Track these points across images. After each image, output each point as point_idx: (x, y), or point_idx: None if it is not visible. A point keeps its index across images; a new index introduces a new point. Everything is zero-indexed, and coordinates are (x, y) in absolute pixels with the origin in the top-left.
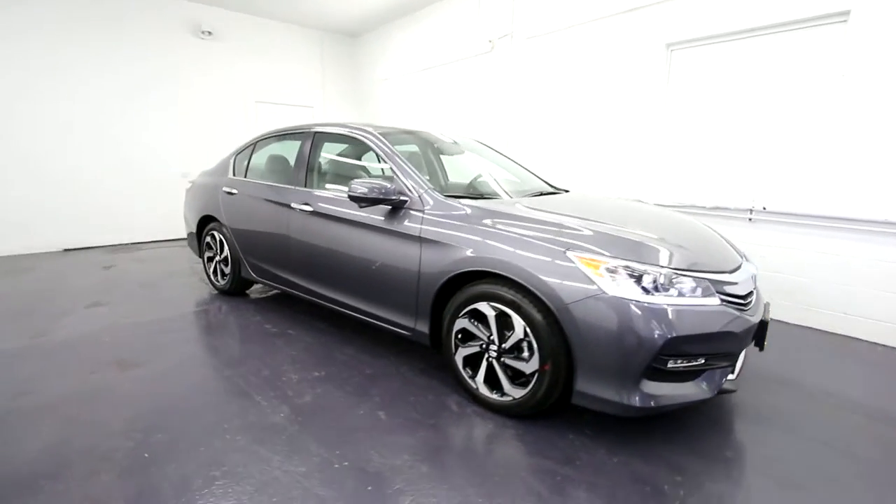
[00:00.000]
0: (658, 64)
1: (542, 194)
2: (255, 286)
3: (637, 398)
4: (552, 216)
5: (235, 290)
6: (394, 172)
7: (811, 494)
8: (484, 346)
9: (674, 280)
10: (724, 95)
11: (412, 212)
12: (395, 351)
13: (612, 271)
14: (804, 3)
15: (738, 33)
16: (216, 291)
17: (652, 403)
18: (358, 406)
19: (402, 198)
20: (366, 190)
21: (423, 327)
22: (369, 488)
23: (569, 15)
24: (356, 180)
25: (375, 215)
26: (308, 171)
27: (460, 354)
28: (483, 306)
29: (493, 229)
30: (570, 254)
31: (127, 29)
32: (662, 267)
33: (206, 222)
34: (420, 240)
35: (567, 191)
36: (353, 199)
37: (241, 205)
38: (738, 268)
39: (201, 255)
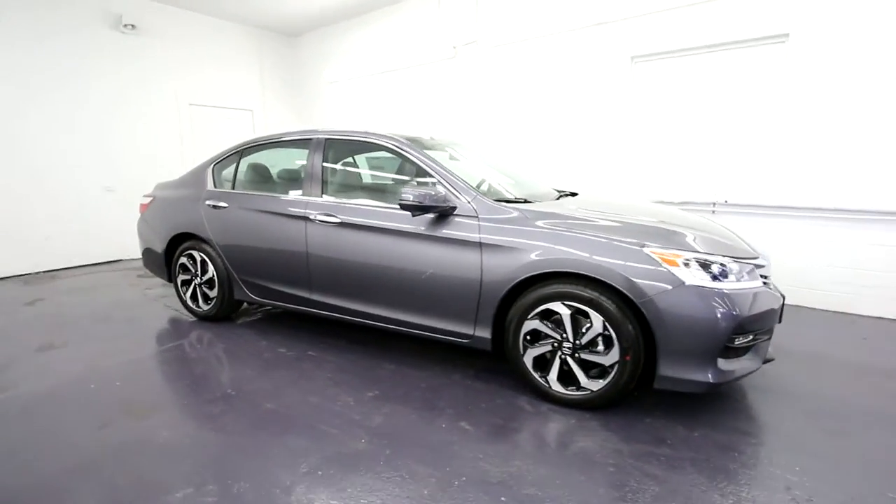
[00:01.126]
0: (623, 74)
1: (561, 196)
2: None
3: (715, 375)
4: (604, 215)
5: (222, 314)
6: (439, 179)
7: (853, 437)
8: (556, 344)
9: (732, 267)
10: (686, 103)
11: (464, 218)
12: (435, 360)
13: (687, 263)
14: (751, 26)
15: (695, 49)
16: (195, 318)
17: (725, 378)
18: (435, 420)
19: (451, 204)
20: (419, 198)
21: (485, 333)
22: (503, 499)
23: (538, 26)
24: (407, 188)
25: (418, 223)
26: (325, 180)
27: (529, 355)
28: (557, 306)
29: (559, 231)
30: (646, 250)
31: (35, 19)
32: (723, 256)
33: (178, 241)
34: (480, 245)
35: (576, 193)
36: (405, 207)
37: (234, 219)
38: (758, 253)
39: (172, 279)
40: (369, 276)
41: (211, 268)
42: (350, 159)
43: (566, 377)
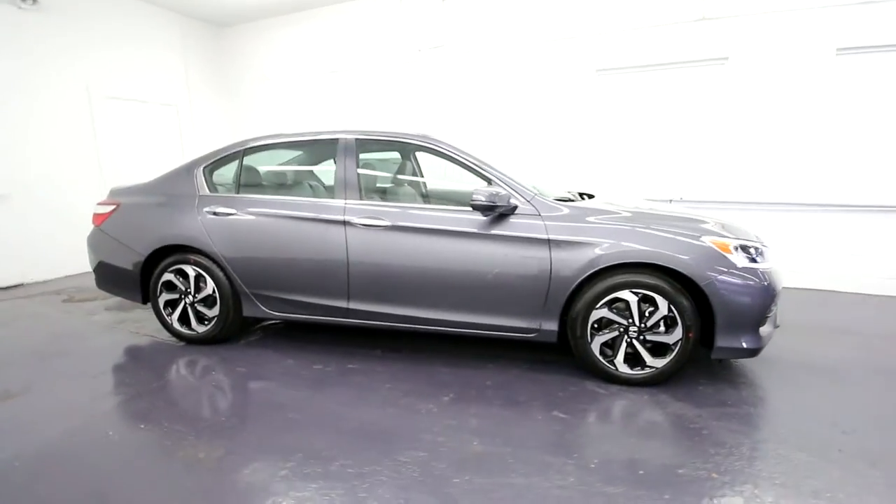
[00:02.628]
0: (589, 84)
1: (581, 196)
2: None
3: (758, 341)
4: (641, 211)
5: (223, 335)
6: (496, 180)
7: (852, 386)
8: (622, 329)
9: (760, 249)
10: (645, 111)
11: (526, 217)
12: (486, 357)
13: (736, 248)
14: (697, 50)
15: (652, 65)
16: (182, 343)
17: (763, 343)
18: (528, 413)
19: (514, 204)
20: (491, 199)
21: (552, 326)
22: (641, 472)
23: (507, 35)
24: (478, 189)
25: (475, 224)
26: (361, 182)
27: (597, 342)
28: (625, 294)
29: (620, 226)
30: (704, 238)
31: None
32: (753, 241)
33: (160, 256)
34: (548, 242)
35: (593, 195)
36: (476, 208)
37: (246, 228)
38: None
39: (149, 300)
40: (426, 279)
41: (210, 283)
42: (388, 159)
43: (630, 359)
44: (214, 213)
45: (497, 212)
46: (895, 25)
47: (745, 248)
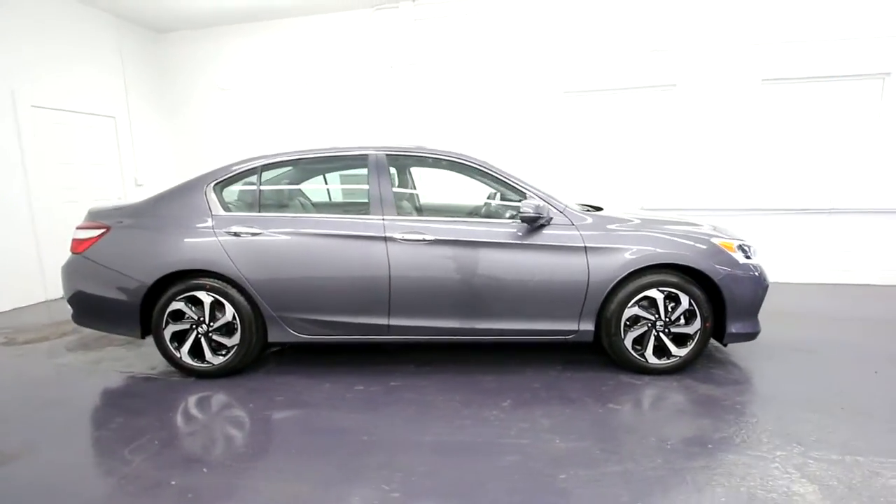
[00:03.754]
0: (557, 103)
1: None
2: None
3: (756, 326)
4: (649, 219)
5: (241, 366)
6: (532, 194)
7: (819, 356)
8: (650, 324)
9: (752, 248)
10: (607, 128)
11: (562, 227)
12: (518, 363)
13: (737, 248)
14: (647, 76)
15: (611, 89)
16: (191, 378)
17: (759, 328)
18: (586, 409)
19: (551, 215)
20: (538, 211)
21: (589, 326)
22: (710, 446)
23: (482, 56)
24: (525, 202)
25: (514, 235)
26: (397, 197)
27: (629, 338)
28: (652, 292)
29: (641, 232)
30: (714, 240)
31: None
32: (745, 241)
33: (164, 284)
34: (585, 249)
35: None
36: (525, 220)
37: (275, 248)
38: None
39: (154, 332)
40: (471, 290)
41: (229, 310)
42: (417, 175)
43: (657, 350)
44: (235, 234)
45: (540, 223)
46: (806, 62)
47: (741, 247)
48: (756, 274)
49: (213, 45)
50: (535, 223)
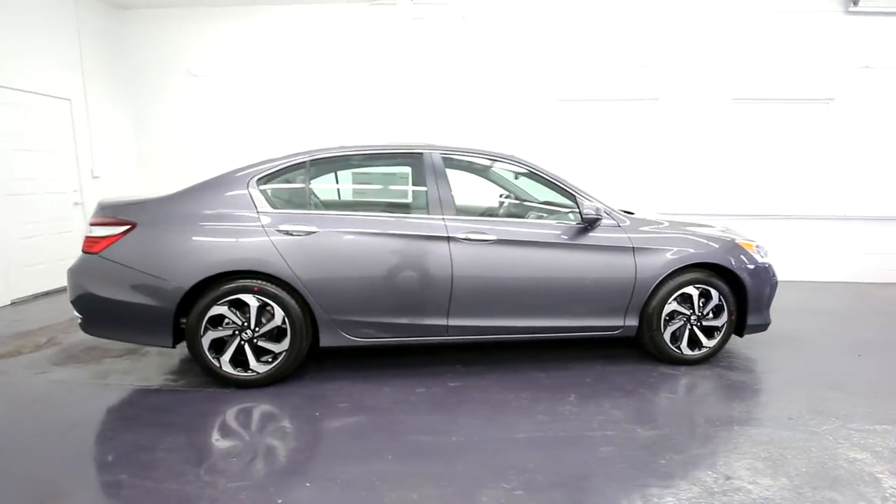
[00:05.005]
0: (552, 111)
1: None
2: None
3: (768, 318)
4: (685, 223)
5: (286, 373)
6: (580, 196)
7: (805, 344)
8: (686, 319)
9: (764, 248)
10: (599, 135)
11: (610, 228)
12: (560, 357)
13: (755, 248)
14: (634, 91)
15: (602, 99)
16: (230, 388)
17: (770, 320)
18: (646, 399)
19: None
20: (598, 213)
21: (633, 322)
22: (768, 426)
23: (482, 62)
24: (587, 204)
25: (566, 235)
26: (453, 198)
27: (668, 332)
28: (689, 289)
29: (678, 234)
30: (737, 241)
31: None
32: (756, 240)
33: (202, 286)
34: (633, 249)
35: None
36: (586, 220)
37: (333, 248)
38: None
39: (188, 340)
40: (531, 289)
41: (279, 313)
42: (469, 175)
43: (690, 342)
44: (287, 233)
45: (598, 224)
46: (768, 85)
47: (757, 247)
48: (769, 271)
49: (185, 27)
50: (595, 224)
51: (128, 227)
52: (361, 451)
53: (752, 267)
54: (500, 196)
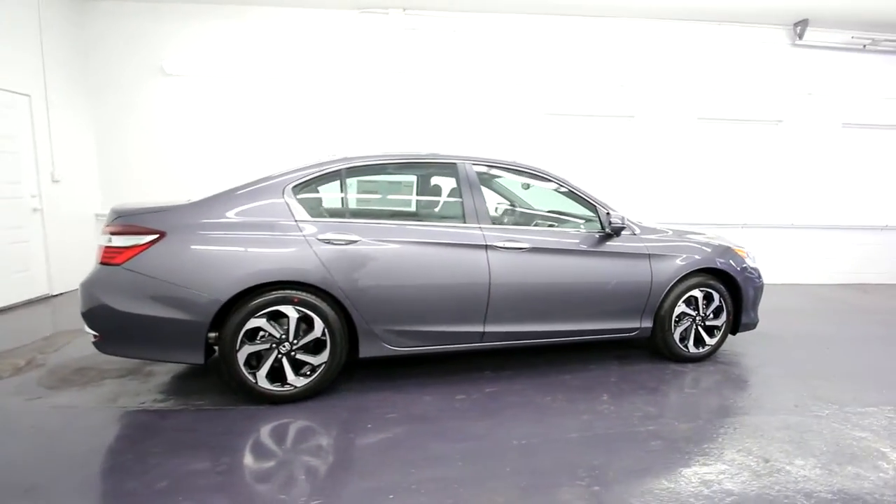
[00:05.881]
0: (541, 123)
1: None
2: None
3: (757, 317)
4: (682, 231)
5: (323, 387)
6: (600, 206)
7: (782, 340)
8: (692, 320)
9: (752, 253)
10: (582, 147)
11: (627, 235)
12: (577, 360)
13: (746, 254)
14: (611, 108)
15: (586, 115)
16: (264, 404)
17: (759, 319)
18: (670, 396)
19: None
20: (623, 222)
21: (648, 324)
22: (781, 414)
23: (472, 74)
24: (614, 214)
25: (590, 242)
26: (487, 206)
27: (677, 332)
28: (695, 292)
29: (683, 242)
30: (729, 247)
31: None
32: (744, 246)
33: (236, 299)
34: (649, 256)
35: None
36: (614, 229)
37: (375, 257)
38: None
39: (224, 355)
40: (562, 294)
41: (318, 325)
42: (496, 184)
43: (697, 341)
44: (328, 242)
45: (621, 232)
46: (727, 107)
47: (748, 253)
48: (757, 273)
49: (161, 23)
50: (620, 232)
51: (156, 236)
52: (427, 459)
53: (744, 271)
54: (498, 204)
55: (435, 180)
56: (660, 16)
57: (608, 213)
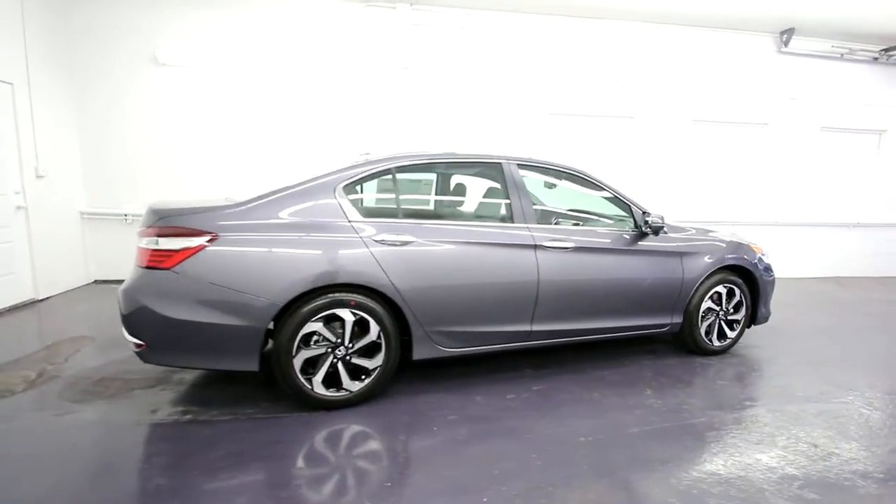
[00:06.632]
0: (544, 123)
1: None
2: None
3: (769, 311)
4: (700, 228)
5: (377, 389)
6: (634, 206)
7: (785, 333)
8: (716, 314)
9: (765, 250)
10: (584, 146)
11: (658, 234)
12: (610, 356)
13: (762, 251)
14: (611, 108)
15: (585, 115)
16: (319, 411)
17: (771, 311)
18: (707, 386)
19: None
20: (662, 221)
21: (678, 319)
22: (813, 402)
23: (479, 73)
24: (654, 214)
25: (626, 241)
26: (532, 206)
27: (703, 327)
28: (720, 288)
29: (707, 239)
30: (748, 244)
31: None
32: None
33: (297, 302)
34: (681, 254)
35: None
36: (653, 228)
37: (431, 258)
38: None
39: (279, 362)
40: (603, 292)
41: (374, 327)
42: (537, 184)
43: (719, 335)
44: (383, 242)
45: (661, 232)
46: (718, 110)
47: (762, 250)
48: (771, 269)
49: (154, 11)
50: (659, 232)
51: (208, 237)
52: (502, 459)
53: (761, 267)
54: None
55: (481, 180)
56: (658, 20)
57: (644, 213)
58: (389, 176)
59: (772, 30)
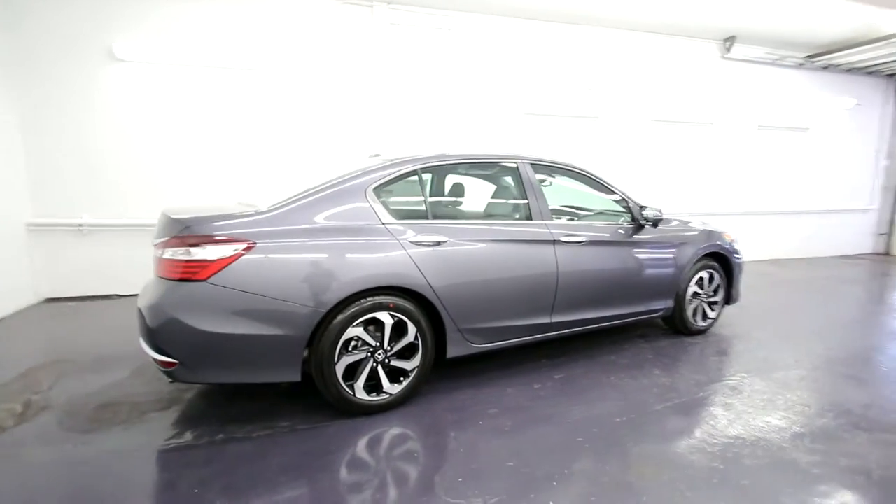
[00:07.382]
0: (520, 123)
1: None
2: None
3: (740, 292)
4: (683, 220)
5: (414, 390)
6: (630, 200)
7: (751, 311)
8: (701, 297)
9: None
10: (556, 145)
11: (657, 227)
12: (609, 341)
13: (732, 238)
14: (580, 109)
15: (560, 115)
16: (360, 417)
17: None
18: (706, 364)
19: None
20: (659, 214)
21: (671, 303)
22: (804, 372)
23: (454, 73)
24: (651, 207)
25: (626, 233)
26: (547, 203)
27: (690, 309)
28: (703, 273)
29: (690, 230)
30: (723, 234)
31: None
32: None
33: (341, 305)
34: (675, 243)
35: None
36: (650, 220)
37: (463, 258)
38: None
39: (320, 369)
40: (613, 281)
41: (411, 329)
42: (546, 182)
43: (702, 316)
44: (418, 244)
45: (659, 224)
46: (673, 110)
47: (733, 237)
48: (740, 254)
49: (106, 4)
50: (658, 223)
51: (245, 245)
52: (556, 446)
53: (733, 252)
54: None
55: (500, 180)
56: (623, 26)
57: (641, 207)
58: (416, 177)
59: (717, 37)
